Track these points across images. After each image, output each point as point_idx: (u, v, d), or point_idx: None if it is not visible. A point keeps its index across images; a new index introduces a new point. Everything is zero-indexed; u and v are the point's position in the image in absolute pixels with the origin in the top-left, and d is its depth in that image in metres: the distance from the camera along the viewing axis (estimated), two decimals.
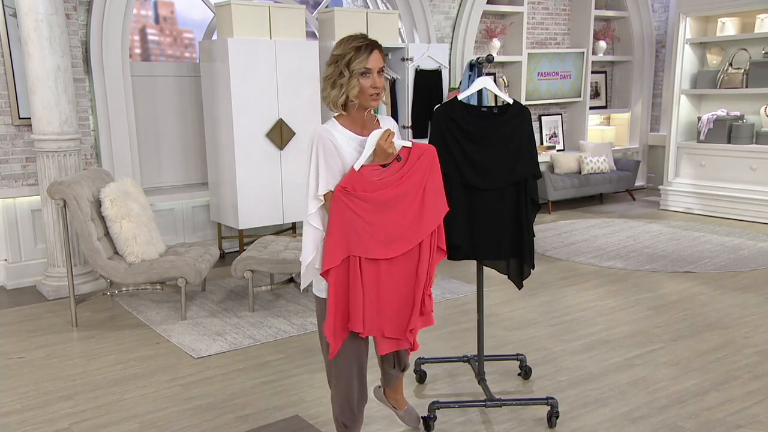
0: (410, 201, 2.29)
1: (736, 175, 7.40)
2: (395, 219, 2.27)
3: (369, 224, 2.23)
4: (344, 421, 2.52)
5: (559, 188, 7.81)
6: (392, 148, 2.25)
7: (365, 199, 2.23)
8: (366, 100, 2.27)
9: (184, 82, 6.12)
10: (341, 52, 2.24)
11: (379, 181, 2.25)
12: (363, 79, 2.23)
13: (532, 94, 8.25)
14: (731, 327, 4.17)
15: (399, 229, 2.28)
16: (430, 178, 2.33)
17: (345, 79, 2.22)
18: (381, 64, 2.26)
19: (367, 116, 2.35)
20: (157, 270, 4.35)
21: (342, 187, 2.22)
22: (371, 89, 2.24)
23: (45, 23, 4.59)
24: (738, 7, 7.29)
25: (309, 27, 6.75)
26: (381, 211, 2.25)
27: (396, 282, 2.34)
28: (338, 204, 2.22)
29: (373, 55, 2.23)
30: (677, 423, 3.00)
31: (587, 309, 4.55)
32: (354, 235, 2.23)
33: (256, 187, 5.67)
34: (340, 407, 2.50)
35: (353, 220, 2.22)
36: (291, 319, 4.42)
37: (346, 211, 2.21)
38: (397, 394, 2.86)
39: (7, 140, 5.15)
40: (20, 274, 5.27)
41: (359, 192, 2.22)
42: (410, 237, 2.30)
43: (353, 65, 2.21)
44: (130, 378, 3.56)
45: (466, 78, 6.85)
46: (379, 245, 2.26)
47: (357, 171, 2.23)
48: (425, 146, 2.37)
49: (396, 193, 2.26)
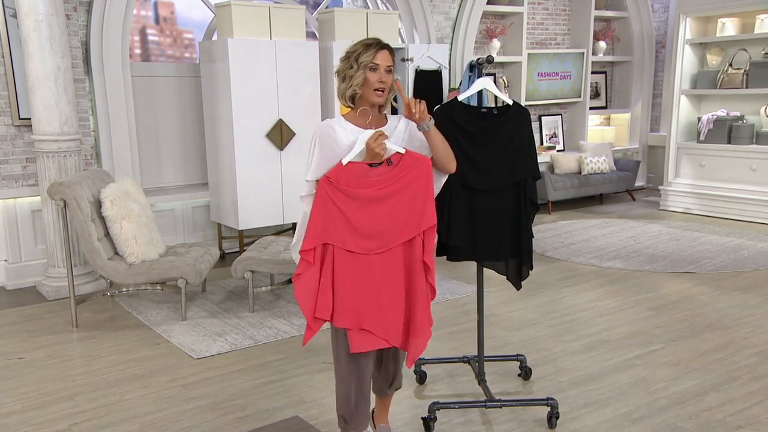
0: (393, 205, 2.34)
1: (736, 175, 7.40)
2: (374, 218, 2.33)
3: (347, 217, 2.32)
4: (343, 415, 2.57)
5: (559, 188, 7.81)
6: (380, 149, 2.31)
7: (347, 194, 2.31)
8: (370, 95, 2.36)
9: (184, 83, 6.12)
10: (353, 49, 2.39)
11: (365, 180, 2.32)
12: (370, 73, 2.34)
13: (532, 94, 8.25)
14: (731, 327, 4.18)
15: (376, 228, 2.33)
16: (419, 188, 2.36)
17: (353, 71, 2.35)
18: (389, 63, 2.37)
19: (371, 110, 2.41)
20: (158, 270, 4.35)
21: (327, 177, 2.32)
22: (377, 83, 2.34)
23: (45, 24, 4.59)
24: (738, 7, 7.29)
25: (309, 27, 6.75)
26: (361, 207, 2.33)
27: (377, 280, 2.36)
28: (321, 193, 2.33)
29: (381, 53, 2.35)
30: (677, 424, 3.00)
31: (587, 309, 4.55)
32: (332, 224, 2.32)
33: (257, 187, 5.67)
34: (339, 402, 2.56)
35: (333, 211, 2.32)
36: (291, 319, 4.42)
37: (328, 201, 2.32)
38: (382, 406, 2.82)
39: (7, 140, 5.15)
40: (20, 274, 5.27)
41: (342, 185, 2.31)
42: (387, 239, 2.35)
43: (362, 58, 2.34)
44: (130, 378, 3.56)
45: (466, 78, 6.86)
46: (355, 239, 2.33)
47: (344, 165, 2.32)
48: (420, 157, 2.40)
49: (379, 195, 2.33)
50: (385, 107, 2.48)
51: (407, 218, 2.36)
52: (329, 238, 2.33)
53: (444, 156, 2.44)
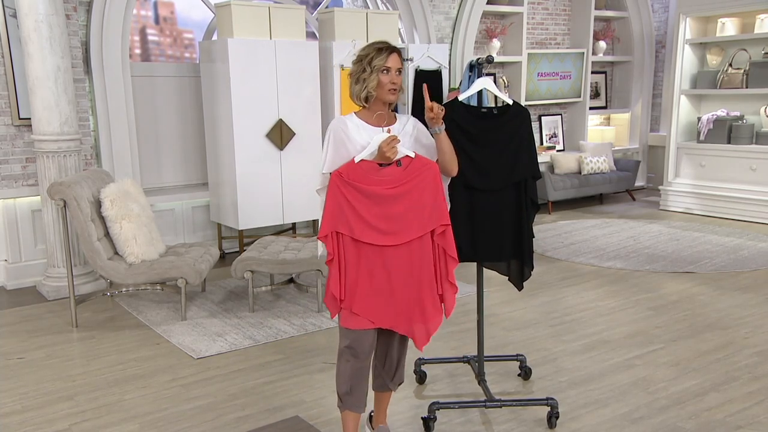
0: (402, 204, 2.48)
1: (736, 175, 7.40)
2: (381, 214, 2.47)
3: (356, 211, 2.46)
4: (340, 393, 2.65)
5: (559, 188, 7.81)
6: (391, 152, 2.43)
7: (358, 189, 2.46)
8: (384, 94, 2.50)
9: (184, 83, 6.12)
10: (365, 53, 2.52)
11: (374, 177, 2.46)
12: (382, 75, 2.48)
13: (532, 94, 8.25)
14: (731, 327, 4.18)
15: (386, 224, 2.47)
16: (426, 188, 2.50)
17: (367, 74, 2.49)
18: (399, 65, 2.52)
19: (386, 111, 2.56)
20: (157, 270, 4.35)
21: (338, 172, 2.47)
22: (390, 84, 2.49)
23: (45, 24, 4.59)
24: (738, 7, 7.29)
25: (309, 27, 6.75)
26: (371, 203, 2.46)
27: (385, 271, 2.49)
28: (333, 186, 2.49)
29: (392, 56, 2.50)
30: (677, 424, 3.00)
31: (587, 309, 4.55)
32: (341, 215, 2.48)
33: (256, 187, 5.67)
34: (338, 380, 2.65)
35: (342, 204, 2.47)
36: (291, 319, 4.42)
37: (338, 194, 2.47)
38: (381, 405, 2.84)
39: (7, 140, 5.15)
40: (20, 274, 5.27)
41: (353, 181, 2.46)
42: (395, 235, 2.49)
43: (375, 62, 2.47)
44: (130, 378, 3.56)
45: (466, 79, 6.86)
46: (363, 229, 2.47)
47: (356, 162, 2.47)
48: (428, 161, 2.54)
49: (389, 194, 2.47)
50: (393, 104, 2.62)
51: (415, 216, 2.49)
52: (339, 227, 2.48)
53: (449, 160, 2.59)
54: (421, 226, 2.50)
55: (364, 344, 2.55)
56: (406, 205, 2.47)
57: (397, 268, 2.49)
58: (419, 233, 2.50)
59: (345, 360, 2.59)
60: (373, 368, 2.74)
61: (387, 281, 2.50)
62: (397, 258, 2.49)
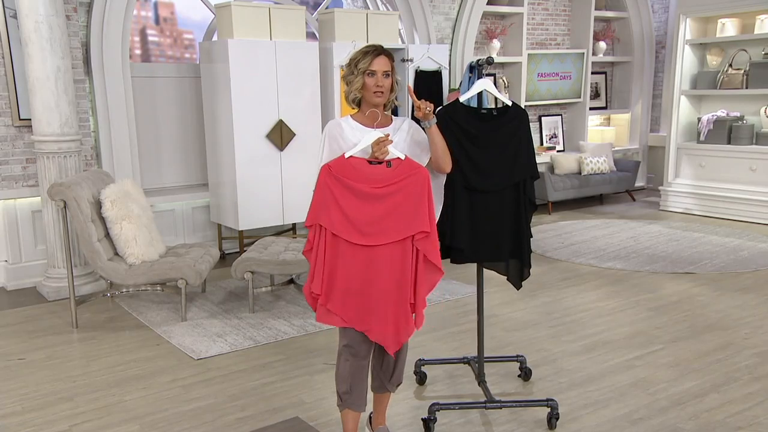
0: (385, 205, 2.50)
1: (736, 175, 7.40)
2: (363, 213, 2.48)
3: (339, 207, 2.49)
4: (340, 392, 2.66)
5: (559, 189, 7.81)
6: (380, 152, 2.48)
7: (344, 185, 2.49)
8: (371, 97, 2.56)
9: (184, 83, 6.12)
10: (354, 56, 2.58)
11: (363, 174, 2.50)
12: (368, 78, 2.53)
13: (532, 94, 8.25)
14: (731, 328, 4.18)
15: (368, 223, 2.49)
16: (412, 192, 2.51)
17: (353, 76, 2.56)
18: (386, 68, 2.54)
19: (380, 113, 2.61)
20: (158, 271, 4.36)
21: (328, 166, 2.52)
22: (375, 87, 2.53)
23: (45, 24, 4.59)
24: (738, 7, 7.29)
25: (309, 28, 6.75)
26: (356, 200, 2.49)
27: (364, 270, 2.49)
28: (321, 179, 2.54)
29: (378, 59, 2.53)
30: (677, 424, 3.00)
31: (587, 310, 4.55)
32: (324, 208, 2.51)
33: (257, 187, 5.67)
34: (337, 379, 2.67)
35: (328, 197, 2.51)
36: (291, 320, 4.42)
37: (325, 187, 2.52)
38: (380, 407, 2.84)
39: (7, 141, 5.15)
40: (20, 275, 5.27)
41: (341, 176, 2.50)
42: (376, 235, 2.49)
43: (360, 65, 2.54)
44: (130, 379, 3.56)
45: (466, 80, 6.86)
46: (345, 226, 2.49)
47: (346, 158, 2.51)
48: (417, 165, 2.55)
49: (372, 193, 2.49)
50: (389, 107, 2.65)
51: (396, 220, 2.50)
52: (321, 219, 2.52)
53: (441, 154, 2.62)
54: (398, 231, 2.49)
55: (363, 343, 2.57)
56: (388, 207, 2.48)
57: (374, 270, 2.49)
58: (397, 237, 2.50)
59: (344, 359, 2.61)
60: (372, 369, 2.75)
61: (362, 282, 2.50)
62: (374, 260, 2.49)
